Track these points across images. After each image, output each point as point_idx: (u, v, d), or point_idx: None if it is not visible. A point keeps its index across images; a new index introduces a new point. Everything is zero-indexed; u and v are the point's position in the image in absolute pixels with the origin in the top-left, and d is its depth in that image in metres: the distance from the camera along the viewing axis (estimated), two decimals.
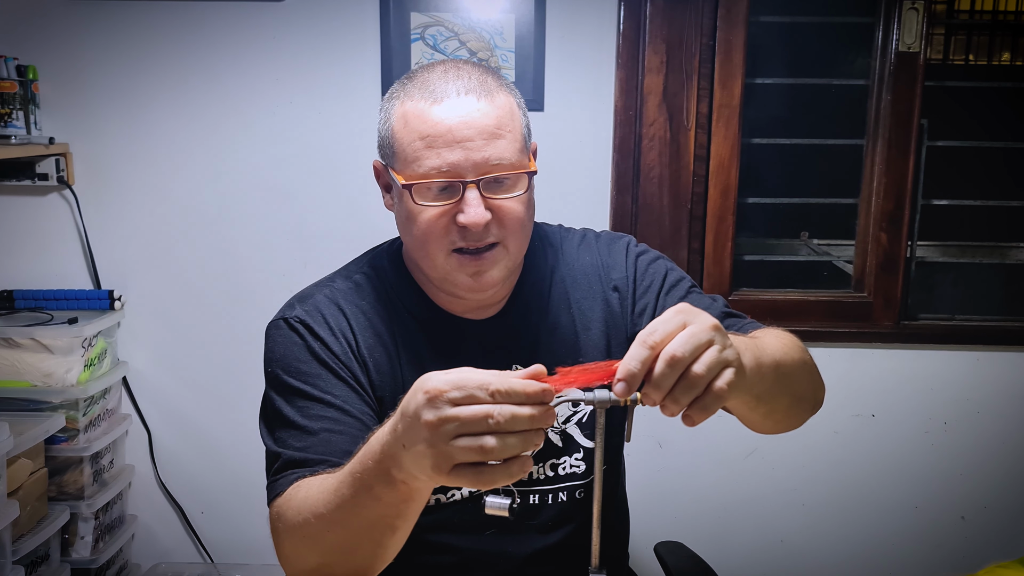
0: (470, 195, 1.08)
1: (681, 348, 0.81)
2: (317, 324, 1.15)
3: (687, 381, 0.81)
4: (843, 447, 2.20)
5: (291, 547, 1.03)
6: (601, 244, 1.29)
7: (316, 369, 1.13)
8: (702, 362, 0.81)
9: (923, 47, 2.05)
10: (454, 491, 1.20)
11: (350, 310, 1.18)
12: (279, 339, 1.17)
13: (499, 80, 1.13)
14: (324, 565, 1.01)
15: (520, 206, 1.12)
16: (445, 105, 1.07)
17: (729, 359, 0.84)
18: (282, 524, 1.03)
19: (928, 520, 2.23)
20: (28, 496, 1.78)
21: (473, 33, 2.03)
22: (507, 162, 1.09)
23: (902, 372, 2.17)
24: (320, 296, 1.19)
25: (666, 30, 2.04)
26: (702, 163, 2.10)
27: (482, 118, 1.07)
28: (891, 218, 2.13)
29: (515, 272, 1.22)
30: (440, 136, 1.07)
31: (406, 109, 1.10)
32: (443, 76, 1.10)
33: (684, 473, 2.21)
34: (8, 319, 2.01)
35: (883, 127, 2.10)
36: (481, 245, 1.11)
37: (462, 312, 1.21)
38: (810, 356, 1.17)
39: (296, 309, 1.18)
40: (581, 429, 1.24)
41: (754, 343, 1.01)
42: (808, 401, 1.17)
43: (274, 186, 2.11)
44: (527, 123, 1.15)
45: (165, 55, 2.06)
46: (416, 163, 1.08)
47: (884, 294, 2.15)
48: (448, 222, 1.09)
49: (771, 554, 2.25)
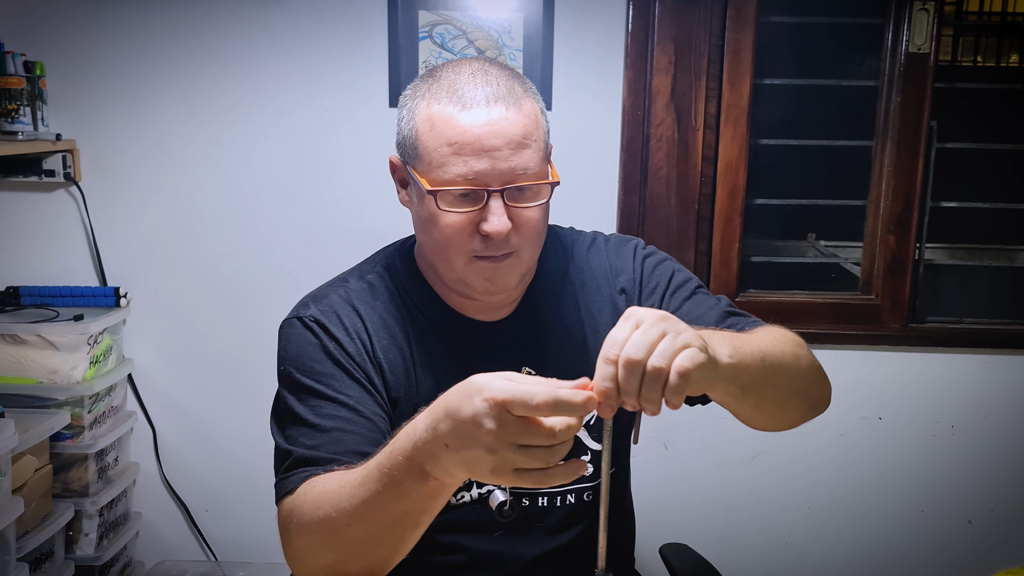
0: (494, 204, 1.08)
1: (634, 350, 0.82)
2: (332, 324, 1.15)
3: (649, 376, 0.82)
4: (849, 449, 2.19)
5: (305, 544, 1.02)
6: (610, 247, 1.29)
7: (330, 369, 1.13)
8: (656, 354, 0.82)
9: (933, 48, 2.04)
10: (463, 492, 1.20)
11: (364, 311, 1.18)
12: (293, 338, 1.16)
13: (524, 85, 1.13)
14: (340, 562, 1.00)
15: (539, 214, 1.12)
16: (474, 112, 1.07)
17: (686, 342, 0.84)
18: (295, 520, 1.02)
19: (934, 524, 2.22)
20: (33, 493, 1.78)
21: (481, 32, 2.02)
22: (532, 171, 1.09)
23: (909, 375, 2.16)
24: (335, 296, 1.19)
25: (675, 30, 2.04)
26: (710, 164, 2.10)
27: (510, 127, 1.07)
28: (900, 220, 2.12)
29: (528, 275, 1.22)
30: (468, 144, 1.06)
31: (432, 112, 1.09)
32: (471, 80, 1.09)
33: (689, 475, 2.21)
34: (14, 315, 2.01)
35: (892, 128, 2.09)
36: (499, 254, 1.11)
37: (474, 314, 1.22)
38: (810, 353, 1.16)
39: (311, 308, 1.18)
40: (589, 432, 1.25)
41: (731, 334, 1.01)
42: (804, 397, 1.14)
43: (281, 184, 2.11)
44: (548, 127, 1.16)
45: (172, 52, 2.06)
46: (442, 168, 1.08)
47: (892, 296, 2.14)
48: (471, 229, 1.09)
49: (776, 556, 2.24)
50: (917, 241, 2.13)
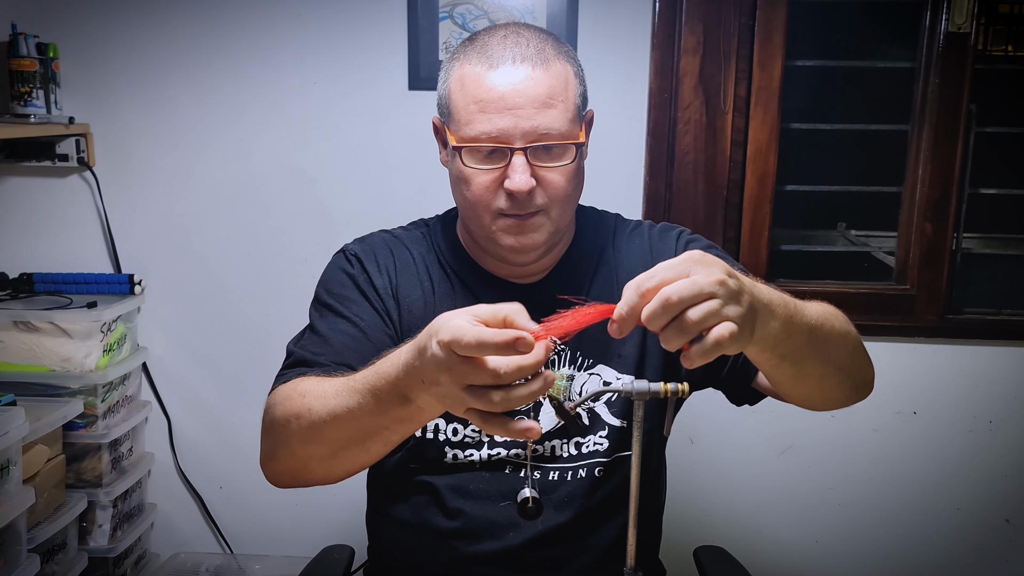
0: (516, 161, 1.11)
1: (677, 292, 0.80)
2: (367, 259, 1.26)
3: (679, 324, 0.81)
4: (883, 445, 2.12)
5: (280, 430, 1.07)
6: (654, 233, 1.32)
7: (354, 295, 1.22)
8: (697, 309, 0.80)
9: (974, 27, 1.96)
10: (472, 451, 1.22)
11: (399, 254, 1.27)
12: (332, 264, 1.29)
13: (558, 47, 1.16)
14: (306, 457, 1.06)
15: (566, 175, 1.15)
16: (500, 71, 1.11)
17: (729, 316, 0.82)
18: (279, 404, 1.08)
19: (971, 523, 2.15)
20: (45, 483, 1.75)
21: (503, 12, 1.96)
22: (556, 132, 1.12)
23: (946, 368, 2.09)
24: (377, 237, 1.31)
25: (703, 9, 1.97)
26: (739, 148, 2.03)
27: (534, 87, 1.10)
28: (937, 207, 2.04)
29: (560, 242, 1.25)
30: (492, 102, 1.10)
31: (464, 72, 1.14)
32: (502, 42, 1.13)
33: (716, 469, 2.15)
34: (27, 302, 1.98)
35: (930, 111, 2.01)
36: (524, 212, 1.14)
37: (504, 276, 1.26)
38: (856, 333, 1.14)
39: (354, 244, 1.30)
40: (609, 408, 1.24)
41: (793, 300, 0.99)
42: (848, 374, 1.12)
43: (297, 169, 2.06)
44: (583, 91, 1.18)
45: (187, 34, 2.02)
46: (468, 126, 1.12)
47: (928, 287, 2.07)
48: (496, 186, 1.14)
49: (805, 554, 2.18)
50: (955, 229, 2.05)
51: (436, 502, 1.23)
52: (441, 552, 1.23)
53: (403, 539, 1.26)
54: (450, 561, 1.22)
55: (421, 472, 1.23)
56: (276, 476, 1.14)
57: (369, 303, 1.22)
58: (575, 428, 1.22)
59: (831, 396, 1.14)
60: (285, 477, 1.13)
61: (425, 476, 1.23)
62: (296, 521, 2.17)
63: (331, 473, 1.08)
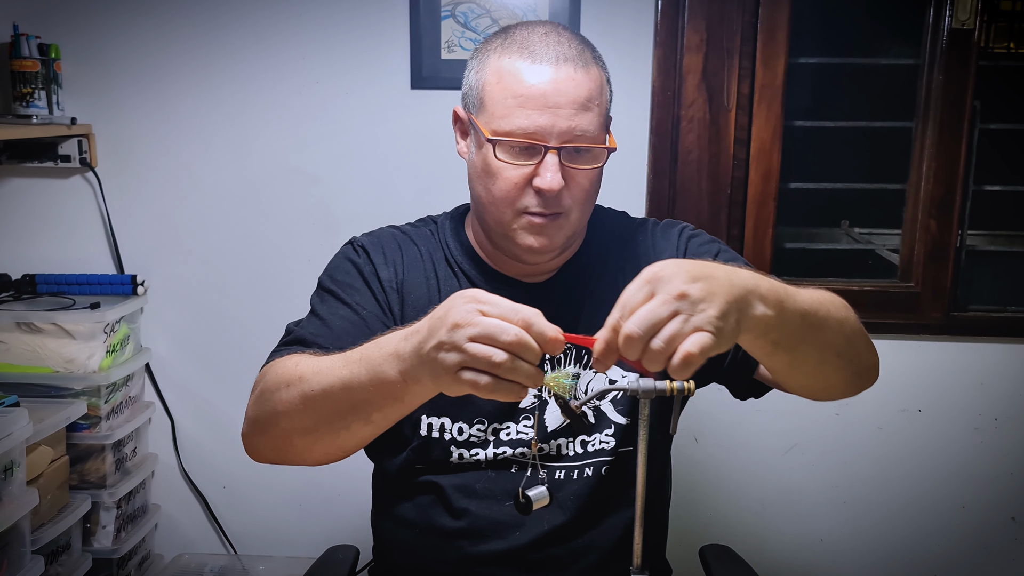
0: (550, 160, 1.11)
1: (635, 327, 0.81)
2: (374, 251, 1.27)
3: (649, 355, 0.82)
4: (888, 443, 2.11)
5: (265, 401, 1.08)
6: (657, 229, 1.32)
7: (357, 283, 1.23)
8: (660, 337, 0.81)
9: (978, 24, 1.95)
10: (478, 449, 1.22)
11: (408, 249, 1.28)
12: (339, 253, 1.30)
13: (594, 53, 1.17)
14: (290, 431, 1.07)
15: (591, 179, 1.16)
16: (543, 68, 1.11)
17: (699, 325, 0.82)
18: (269, 374, 1.09)
19: (976, 521, 2.14)
20: (49, 484, 1.75)
21: (506, 10, 1.96)
22: (590, 135, 1.12)
23: (951, 365, 2.08)
24: (386, 232, 1.32)
25: (706, 7, 1.96)
26: (742, 146, 2.02)
27: (576, 88, 1.11)
28: (941, 204, 2.04)
29: (572, 244, 1.26)
30: (533, 98, 1.10)
31: (503, 64, 1.13)
32: (544, 39, 1.13)
33: (721, 467, 2.14)
34: (30, 303, 1.97)
35: (934, 108, 2.01)
36: (549, 212, 1.14)
37: (513, 275, 1.26)
38: (856, 318, 1.11)
39: (363, 237, 1.32)
40: (615, 406, 1.23)
41: (784, 286, 0.97)
42: (848, 360, 1.09)
43: (300, 169, 2.06)
44: (610, 99, 1.20)
45: (189, 34, 2.02)
46: (504, 119, 1.11)
47: (933, 284, 2.06)
48: (524, 183, 1.13)
49: (810, 552, 2.17)
50: (960, 226, 2.05)
51: (441, 502, 1.22)
52: (446, 552, 1.22)
53: (408, 539, 1.25)
54: (456, 561, 1.22)
55: (427, 472, 1.23)
56: (256, 448, 1.15)
57: (372, 293, 1.23)
58: (581, 427, 1.22)
59: (831, 383, 1.12)
60: (266, 450, 1.14)
61: (430, 476, 1.23)
62: (300, 522, 2.17)
63: (310, 451, 1.09)
